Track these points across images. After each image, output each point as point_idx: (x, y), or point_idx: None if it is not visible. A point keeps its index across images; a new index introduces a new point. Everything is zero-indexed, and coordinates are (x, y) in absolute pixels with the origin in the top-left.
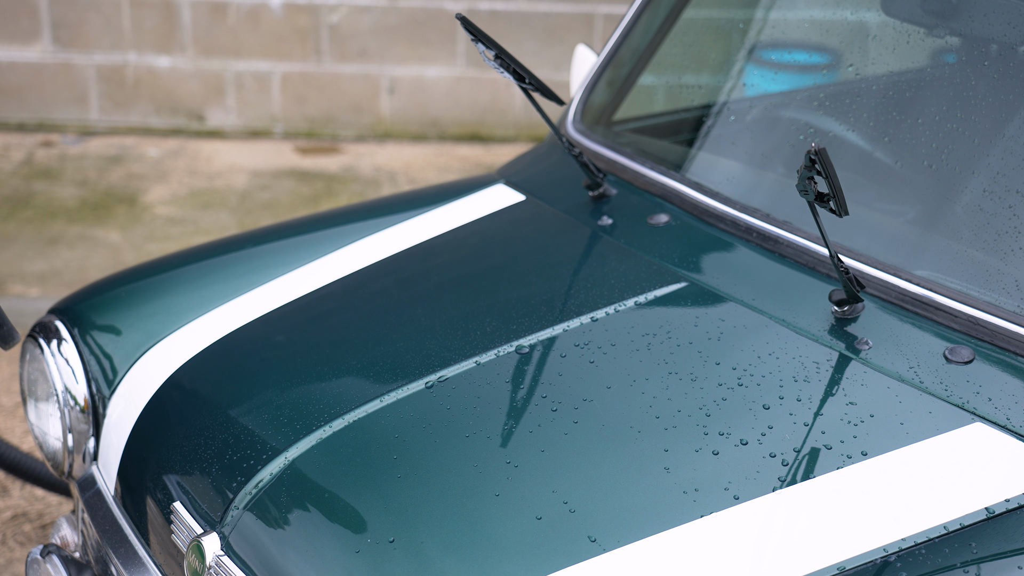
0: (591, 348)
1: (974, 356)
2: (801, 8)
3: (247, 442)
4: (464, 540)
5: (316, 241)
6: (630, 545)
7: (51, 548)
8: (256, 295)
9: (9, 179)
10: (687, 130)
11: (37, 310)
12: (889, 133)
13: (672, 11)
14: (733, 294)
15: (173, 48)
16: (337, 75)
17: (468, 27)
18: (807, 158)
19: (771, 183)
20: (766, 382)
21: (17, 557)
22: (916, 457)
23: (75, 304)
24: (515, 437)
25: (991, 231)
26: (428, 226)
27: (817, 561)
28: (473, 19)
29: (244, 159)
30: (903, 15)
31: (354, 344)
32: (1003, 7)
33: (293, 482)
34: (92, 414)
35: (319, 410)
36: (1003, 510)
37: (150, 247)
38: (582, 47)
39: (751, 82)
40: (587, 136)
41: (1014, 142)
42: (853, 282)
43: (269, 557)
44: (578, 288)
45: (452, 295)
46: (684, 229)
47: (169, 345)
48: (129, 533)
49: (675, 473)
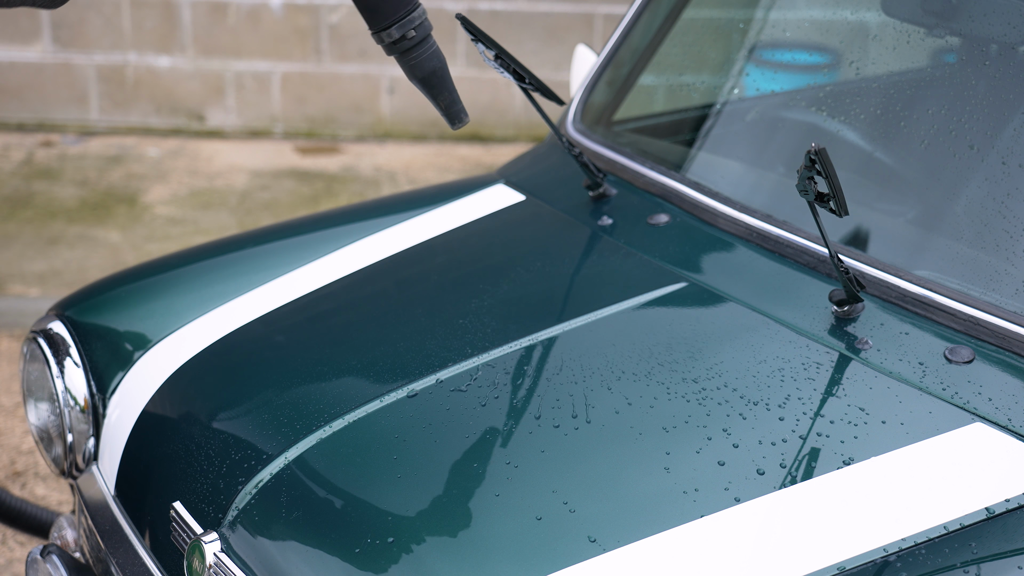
0: (591, 348)
1: (974, 356)
2: (801, 8)
3: (247, 442)
4: (464, 540)
5: (316, 241)
6: (630, 545)
7: (51, 548)
8: (256, 295)
9: (9, 179)
10: (687, 130)
11: (37, 310)
12: (889, 133)
13: (672, 11)
14: (733, 294)
15: (173, 48)
16: (337, 75)
17: (468, 27)
18: (807, 158)
19: (771, 183)
20: (766, 382)
21: (17, 557)
22: (916, 457)
23: (75, 304)
24: (515, 437)
25: (991, 231)
26: (428, 226)
27: (817, 561)
28: (473, 19)
29: (244, 159)
30: (903, 15)
31: (354, 344)
32: (1003, 7)
33: (293, 482)
34: (92, 414)
35: (319, 410)
36: (1003, 510)
37: (150, 247)
38: (582, 47)
39: (751, 82)
40: (587, 136)
41: (1014, 142)
42: (853, 282)
43: (269, 557)
44: (578, 288)
45: (452, 295)
46: (684, 229)
47: (169, 345)
48: (129, 533)
49: (675, 473)
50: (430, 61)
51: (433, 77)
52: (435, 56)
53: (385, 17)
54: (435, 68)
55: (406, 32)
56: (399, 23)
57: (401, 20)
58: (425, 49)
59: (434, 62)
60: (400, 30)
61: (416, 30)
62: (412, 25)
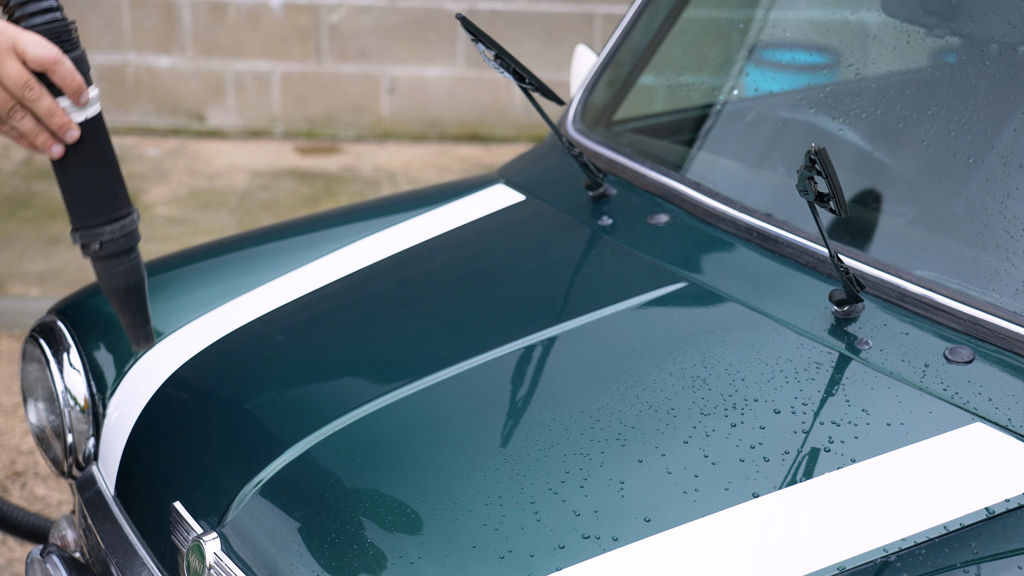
0: (591, 348)
1: (974, 356)
2: (801, 8)
3: (247, 442)
4: (464, 540)
5: (316, 241)
6: (630, 545)
7: (51, 548)
8: (256, 295)
9: (9, 179)
10: (687, 130)
11: (37, 310)
12: (889, 133)
13: (672, 11)
14: (733, 294)
15: (173, 48)
16: (337, 75)
17: (468, 27)
18: (807, 158)
19: (771, 183)
20: (766, 382)
21: (17, 557)
22: (916, 457)
23: (75, 304)
24: (515, 437)
25: (991, 231)
26: (428, 226)
27: (817, 561)
28: (473, 19)
29: (244, 159)
30: (903, 15)
31: (354, 344)
32: (1003, 7)
33: (293, 482)
34: (92, 414)
35: (319, 410)
36: (1003, 510)
37: (150, 247)
38: (582, 47)
39: (751, 82)
40: (587, 136)
41: (1014, 142)
42: (853, 282)
43: (269, 557)
44: (578, 288)
45: (452, 295)
46: (684, 229)
47: (169, 345)
48: (129, 533)
49: (675, 473)
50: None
51: (115, 295)
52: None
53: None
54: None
55: (92, 242)
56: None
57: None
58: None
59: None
60: (86, 238)
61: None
62: (99, 239)
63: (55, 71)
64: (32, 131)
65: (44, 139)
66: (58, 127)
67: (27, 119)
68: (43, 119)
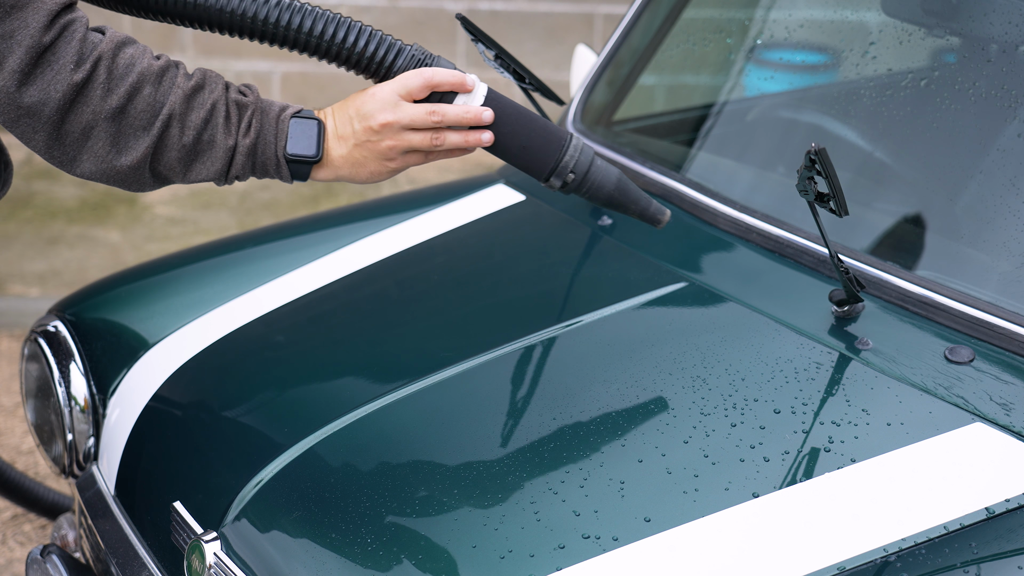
0: (591, 348)
1: (974, 356)
2: (801, 8)
3: (247, 442)
4: (463, 540)
5: (316, 241)
6: (630, 545)
7: (51, 548)
8: (256, 295)
9: None
10: (687, 130)
11: (37, 310)
12: (889, 133)
13: (672, 11)
14: (733, 294)
15: (173, 48)
16: (337, 75)
17: (468, 27)
18: (807, 158)
19: (771, 183)
20: (766, 382)
21: (17, 557)
22: (916, 457)
23: (75, 304)
24: (514, 437)
25: (991, 231)
26: (428, 226)
27: (817, 561)
28: (473, 19)
29: None
30: (903, 15)
31: (354, 344)
32: (1003, 7)
33: (293, 482)
34: (92, 414)
35: (319, 410)
36: (1003, 510)
37: (150, 247)
38: (582, 47)
39: (751, 82)
40: (587, 136)
41: (1014, 142)
42: (853, 282)
43: (269, 557)
44: (578, 288)
45: (452, 295)
46: (684, 229)
47: (169, 345)
48: (129, 533)
49: (675, 473)
50: (602, 188)
51: (612, 200)
52: (605, 180)
53: (540, 172)
54: (610, 192)
55: (565, 178)
56: (554, 174)
57: (555, 170)
58: (591, 180)
59: (607, 187)
60: (559, 179)
61: (574, 171)
62: (568, 169)
63: (438, 85)
64: (459, 140)
65: (473, 138)
66: (474, 121)
67: (449, 135)
68: (459, 125)
